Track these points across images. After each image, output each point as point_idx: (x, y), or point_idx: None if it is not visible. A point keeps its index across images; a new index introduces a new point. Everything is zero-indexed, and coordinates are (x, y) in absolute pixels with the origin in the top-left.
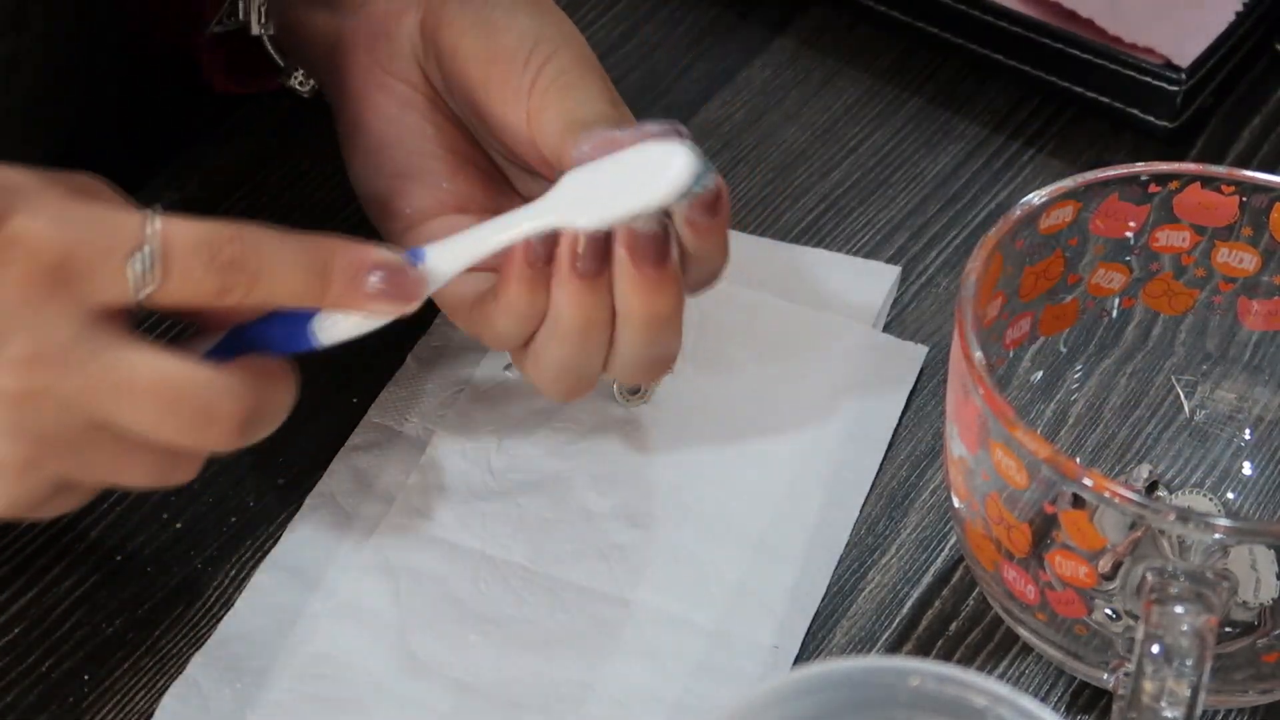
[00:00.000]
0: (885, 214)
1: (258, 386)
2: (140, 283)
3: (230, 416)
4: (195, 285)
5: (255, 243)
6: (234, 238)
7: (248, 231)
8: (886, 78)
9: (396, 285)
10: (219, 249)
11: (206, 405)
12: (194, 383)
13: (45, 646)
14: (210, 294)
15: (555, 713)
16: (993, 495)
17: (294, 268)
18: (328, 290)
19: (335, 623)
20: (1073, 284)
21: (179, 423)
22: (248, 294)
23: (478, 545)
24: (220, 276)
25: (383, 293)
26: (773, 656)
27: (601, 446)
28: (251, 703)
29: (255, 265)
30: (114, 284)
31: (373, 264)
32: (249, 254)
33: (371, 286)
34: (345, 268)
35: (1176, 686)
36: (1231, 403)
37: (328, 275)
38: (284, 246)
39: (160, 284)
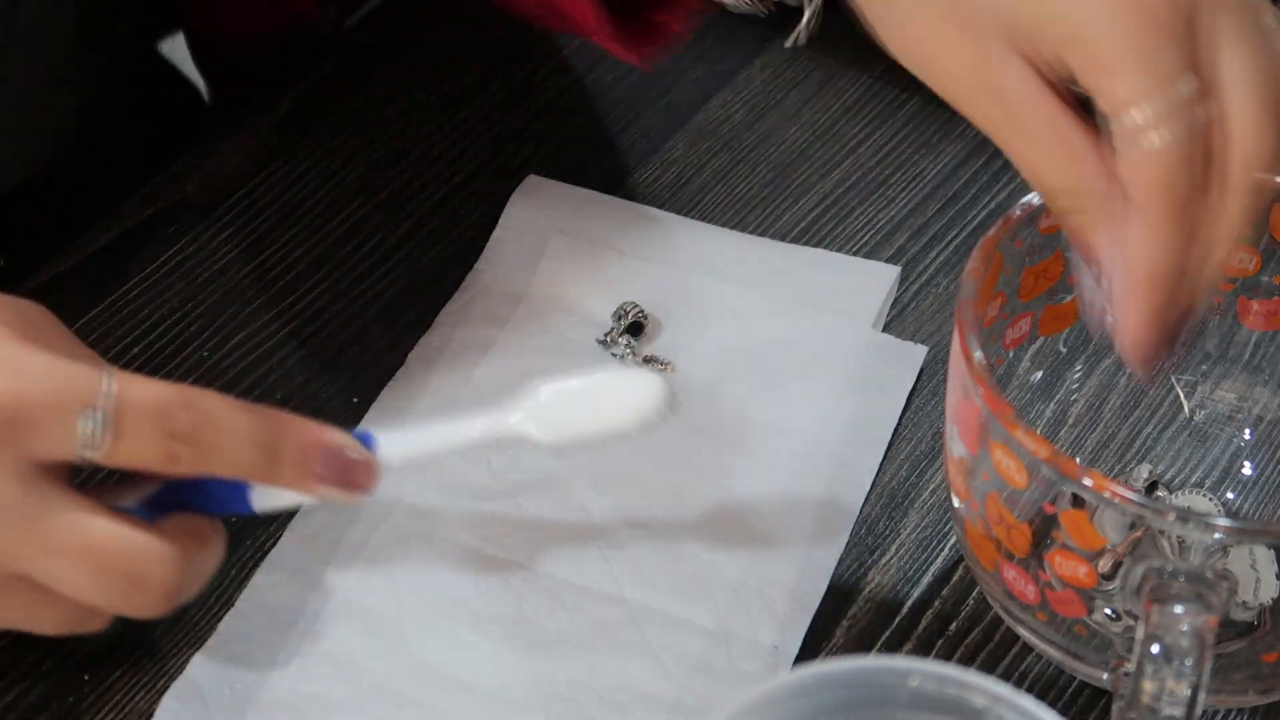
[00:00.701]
0: (885, 214)
1: (189, 554)
2: (88, 442)
3: (160, 585)
4: (143, 452)
5: (207, 411)
6: (187, 403)
7: (202, 401)
8: (886, 78)
9: (347, 474)
10: (172, 418)
11: (137, 573)
12: (127, 550)
13: (45, 646)
14: (157, 462)
15: (554, 712)
16: (993, 495)
17: (245, 445)
18: (277, 471)
19: (335, 622)
20: (1073, 284)
21: (107, 587)
22: (195, 466)
23: (478, 545)
24: (168, 445)
25: (333, 479)
26: (773, 656)
27: (601, 447)
28: (251, 702)
29: (206, 438)
30: (60, 440)
31: (323, 446)
32: (201, 427)
33: (322, 472)
34: (295, 449)
35: (1176, 686)
36: (1231, 403)
37: (278, 455)
38: (236, 420)
39: (107, 449)
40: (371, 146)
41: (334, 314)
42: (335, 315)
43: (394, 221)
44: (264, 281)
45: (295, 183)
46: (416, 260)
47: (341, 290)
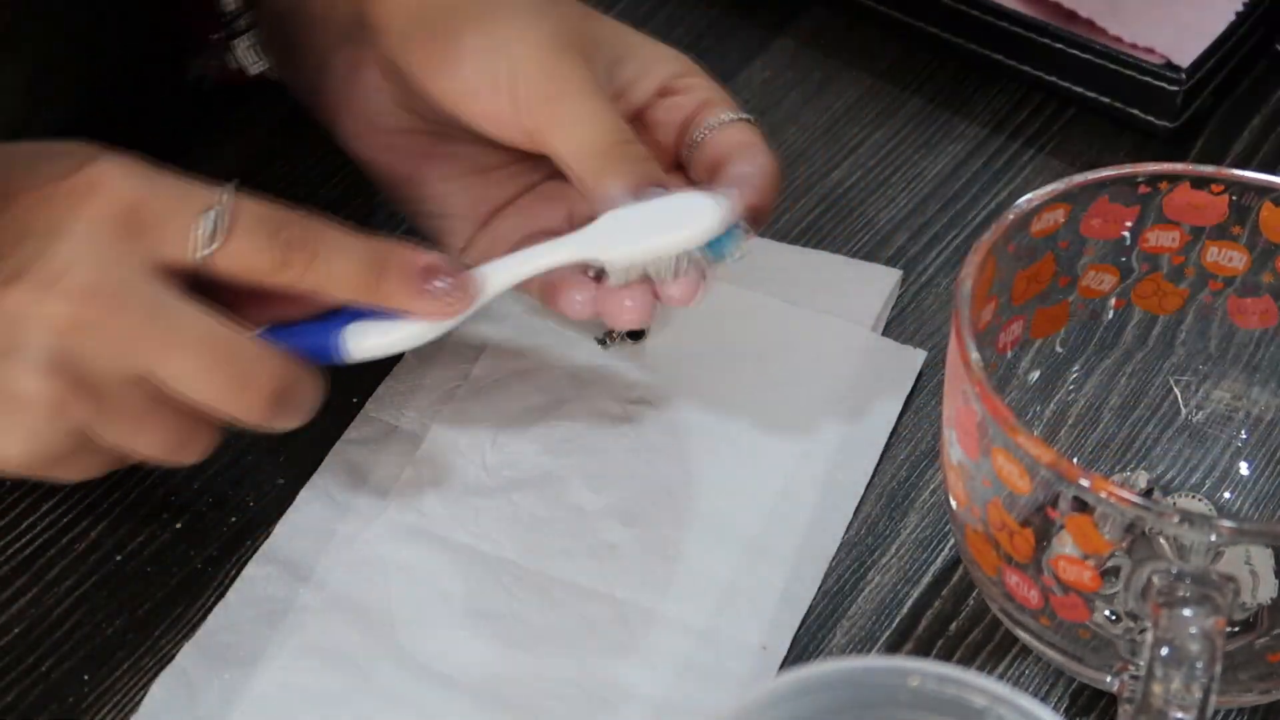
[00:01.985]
0: (885, 214)
1: (293, 370)
2: (206, 241)
3: (265, 386)
4: (256, 254)
5: (319, 227)
6: (300, 219)
7: (313, 217)
8: (886, 78)
9: (448, 288)
10: (284, 225)
11: (245, 369)
12: (238, 346)
13: (45, 646)
14: (268, 266)
15: (543, 709)
16: (994, 501)
17: (351, 256)
18: (381, 284)
19: (325, 615)
20: (1064, 286)
21: (216, 381)
22: (304, 273)
23: (470, 541)
24: (281, 250)
25: (434, 293)
26: (761, 657)
27: (596, 444)
28: (239, 693)
29: (315, 246)
30: (180, 240)
31: (427, 265)
32: (311, 235)
33: (424, 286)
34: (401, 265)
35: (1187, 689)
36: (1229, 403)
37: (383, 269)
38: (345, 236)
39: (224, 245)
40: None
41: None
42: None
43: (394, 221)
44: None
45: (295, 183)
46: None
47: None
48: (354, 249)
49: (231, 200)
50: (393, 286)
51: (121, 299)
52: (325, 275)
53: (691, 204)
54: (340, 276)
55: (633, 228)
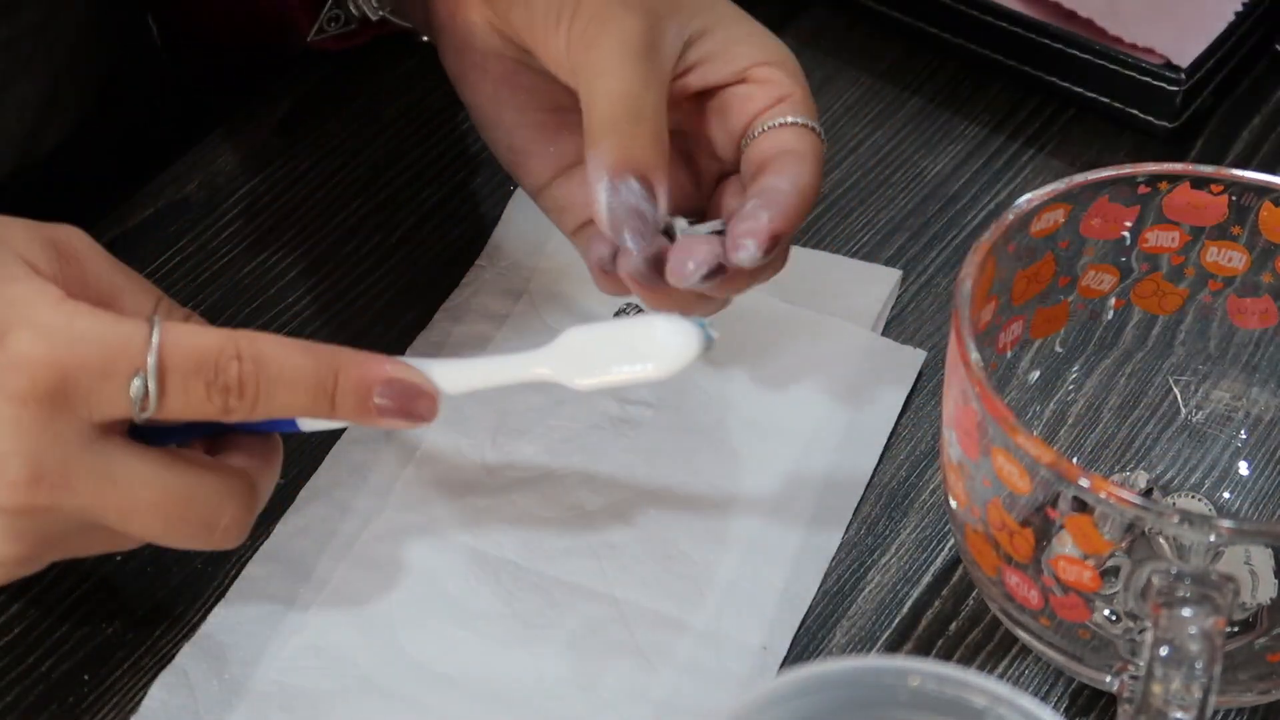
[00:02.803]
0: (885, 214)
1: (255, 481)
2: (140, 403)
3: (231, 523)
4: (195, 407)
5: (258, 362)
6: (236, 357)
7: (251, 348)
8: (886, 78)
9: (407, 404)
10: (221, 370)
11: (211, 517)
12: (198, 495)
13: (45, 646)
14: (211, 414)
15: (541, 710)
16: (994, 501)
17: (297, 388)
18: (335, 410)
19: (325, 615)
20: (1064, 286)
21: (184, 534)
22: (250, 415)
23: (470, 541)
24: (221, 398)
25: (393, 411)
26: (761, 658)
27: (596, 445)
28: (239, 693)
29: (257, 387)
30: (114, 403)
31: (381, 381)
32: (249, 376)
33: (382, 405)
34: (354, 388)
35: (1187, 689)
36: (1228, 403)
37: (334, 395)
38: (287, 364)
39: (159, 404)
40: (371, 147)
41: (334, 314)
42: (335, 315)
43: (394, 221)
44: (264, 281)
45: (295, 183)
46: (416, 260)
47: (341, 290)
48: (298, 379)
49: (156, 355)
50: (346, 411)
51: (66, 480)
52: (274, 408)
53: (665, 332)
54: (288, 409)
55: (600, 353)
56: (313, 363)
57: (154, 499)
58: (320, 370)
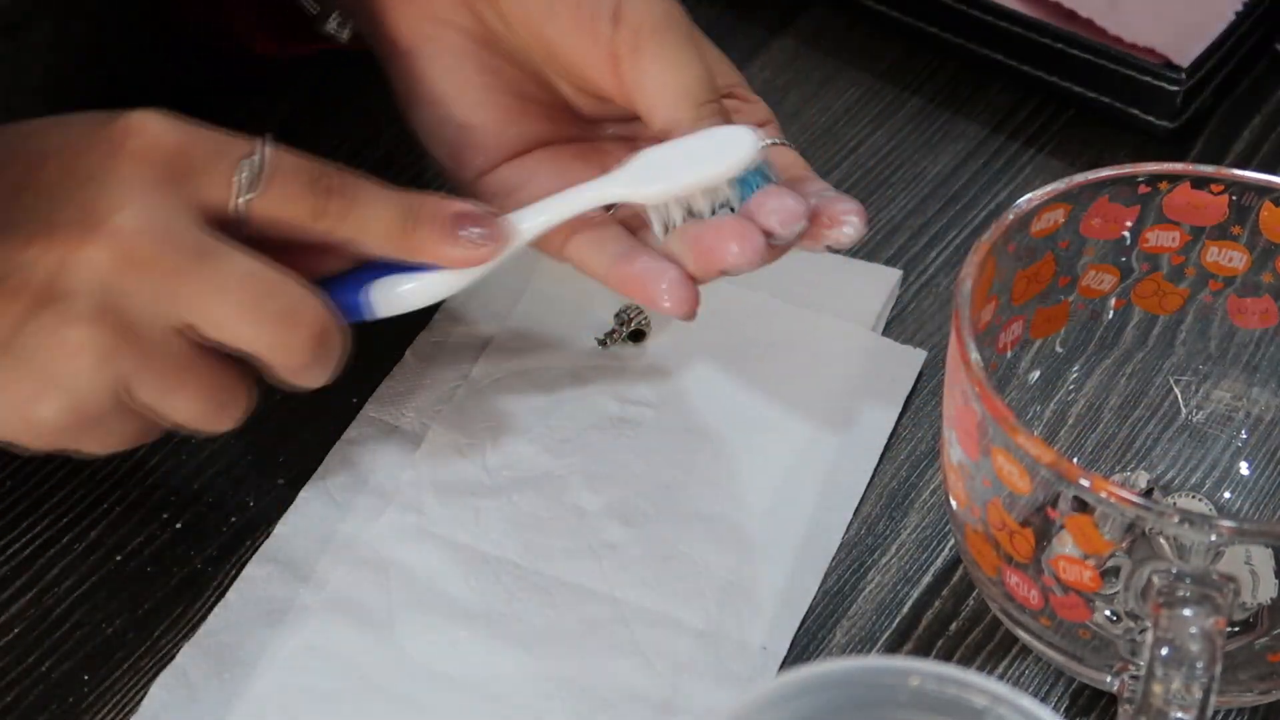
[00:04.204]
0: (885, 214)
1: (332, 313)
2: (246, 187)
3: (309, 325)
4: (293, 202)
5: (353, 178)
6: (335, 170)
7: (348, 171)
8: (886, 78)
9: (481, 233)
10: (320, 174)
11: (290, 308)
12: (282, 285)
13: (45, 646)
14: (305, 214)
15: (541, 710)
16: (994, 501)
17: (386, 204)
18: (415, 231)
19: (325, 615)
20: (1064, 286)
21: (262, 320)
22: (339, 222)
23: (470, 541)
24: (317, 198)
25: (467, 239)
26: (761, 658)
27: (596, 445)
28: (239, 693)
29: (351, 195)
30: (221, 186)
31: (459, 211)
32: (347, 185)
33: (457, 233)
34: (433, 212)
35: (1187, 689)
36: (1229, 403)
37: (417, 217)
38: (379, 187)
39: (263, 192)
40: (371, 146)
41: None
42: None
43: None
44: None
45: None
46: None
47: None
48: (388, 198)
49: (269, 149)
50: (426, 233)
51: (167, 240)
52: (360, 223)
53: (723, 136)
54: (375, 224)
55: (667, 164)
56: (401, 192)
57: (243, 277)
58: (407, 196)
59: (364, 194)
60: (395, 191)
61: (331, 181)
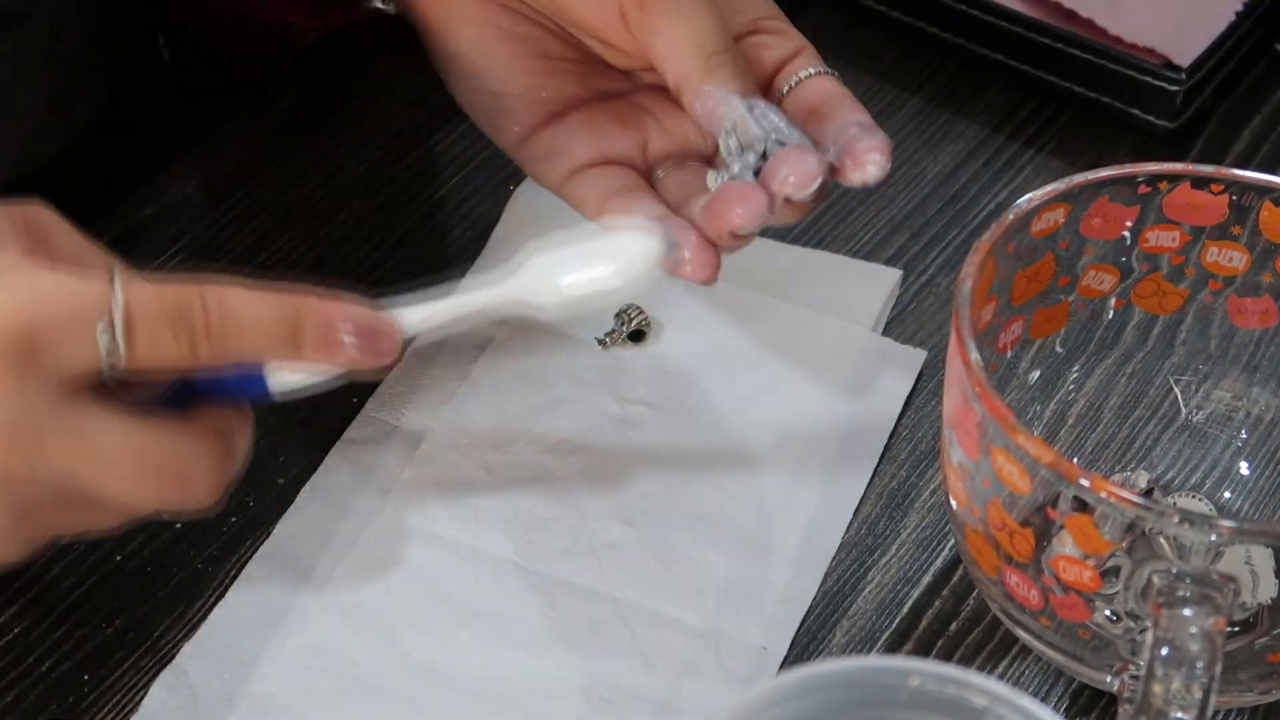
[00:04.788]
0: (885, 214)
1: (227, 443)
2: (108, 353)
3: (205, 479)
4: (163, 352)
5: (219, 303)
6: (198, 297)
7: (212, 292)
8: (886, 78)
9: (371, 342)
10: (184, 312)
11: (184, 472)
12: (170, 451)
13: (45, 646)
14: (180, 359)
15: (541, 710)
16: (994, 501)
17: (261, 328)
18: (301, 348)
19: (325, 615)
20: (1064, 286)
21: (157, 490)
22: (220, 350)
23: (470, 540)
24: (189, 341)
25: (357, 349)
26: (761, 658)
27: (597, 445)
28: (239, 693)
29: (223, 329)
30: (82, 355)
31: (344, 319)
32: (213, 316)
33: (347, 343)
34: (317, 325)
35: (1187, 689)
36: (1229, 403)
37: (300, 333)
38: (250, 306)
39: (129, 352)
40: (371, 146)
41: None
42: None
43: (394, 221)
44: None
45: (295, 182)
46: (416, 260)
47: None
48: (262, 319)
49: (121, 303)
50: (312, 350)
51: (38, 436)
52: (240, 347)
53: (625, 241)
54: (254, 350)
55: (563, 270)
56: (276, 302)
57: (128, 456)
58: (284, 309)
59: (235, 322)
60: (270, 306)
61: (195, 318)
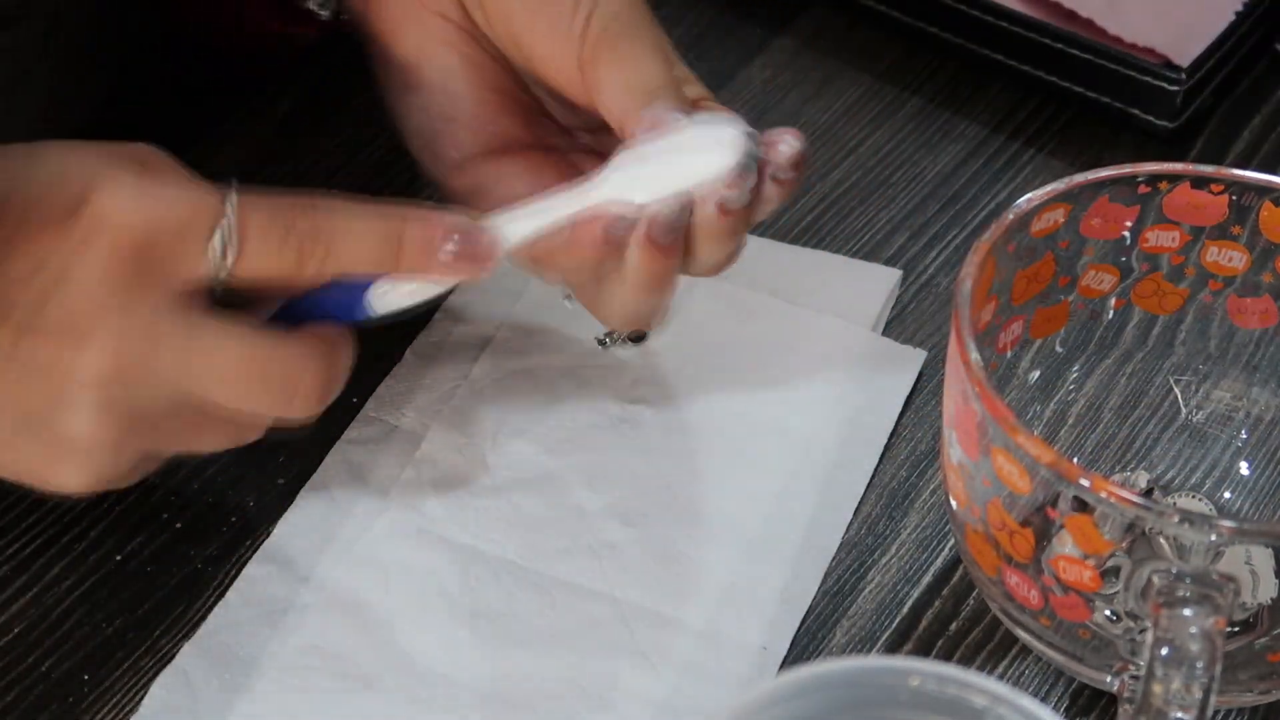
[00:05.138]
0: (885, 214)
1: (331, 357)
2: (219, 261)
3: (311, 388)
4: (272, 259)
5: (328, 214)
6: (307, 210)
7: (321, 202)
8: (886, 78)
9: (470, 250)
10: (293, 222)
11: (290, 379)
12: (278, 357)
13: (45, 646)
14: (287, 267)
15: (542, 710)
16: (994, 501)
17: (367, 236)
18: (402, 257)
19: (325, 615)
20: (1064, 286)
21: (264, 396)
22: (323, 264)
23: (470, 541)
24: (296, 249)
25: (456, 257)
26: (761, 658)
27: (597, 445)
28: (239, 693)
29: (329, 236)
30: (196, 262)
31: (445, 230)
32: (322, 225)
33: (445, 252)
34: (418, 235)
35: (1187, 689)
36: (1229, 403)
37: (401, 242)
38: (356, 216)
39: (239, 259)
40: (371, 146)
41: None
42: None
43: None
44: None
45: (295, 183)
46: None
47: None
48: (367, 230)
49: (235, 210)
50: (412, 259)
51: (153, 339)
52: (345, 261)
53: (707, 136)
54: (359, 260)
55: (651, 166)
56: (379, 213)
57: (236, 359)
58: (387, 218)
59: (341, 233)
60: (374, 217)
61: (304, 229)
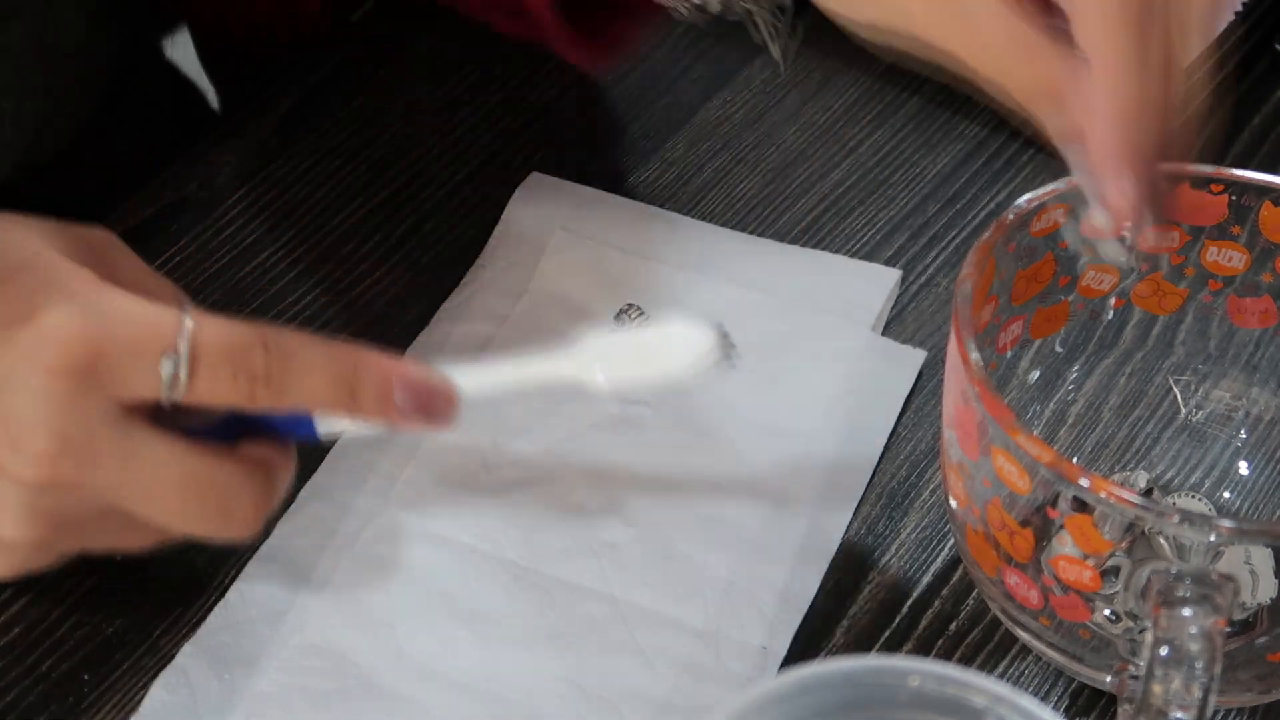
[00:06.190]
0: (885, 214)
1: (269, 481)
2: (168, 387)
3: (248, 513)
4: (223, 392)
5: (283, 353)
6: (265, 347)
7: (278, 340)
8: (886, 78)
9: (428, 405)
10: (248, 358)
11: (226, 502)
12: (217, 481)
13: (45, 646)
14: (238, 400)
15: (542, 710)
16: (994, 501)
17: (320, 379)
18: (356, 405)
19: (325, 615)
20: (1064, 286)
21: (199, 519)
22: (276, 398)
23: (470, 541)
24: (248, 385)
25: (413, 411)
26: (761, 657)
27: (596, 445)
28: (239, 693)
29: (282, 376)
30: (143, 382)
31: (400, 383)
32: (275, 365)
33: (402, 405)
34: (376, 384)
35: (1187, 689)
36: (1228, 403)
37: (358, 390)
38: (312, 358)
39: (189, 386)
40: (371, 146)
41: (334, 314)
42: (335, 315)
43: (394, 221)
44: (264, 281)
45: (295, 183)
46: (416, 260)
47: (341, 290)
48: (321, 370)
49: (188, 341)
50: (365, 407)
51: (91, 453)
52: (297, 396)
53: (686, 333)
54: (311, 401)
55: (624, 354)
56: (336, 356)
57: (175, 480)
58: (343, 364)
59: (295, 371)
60: (331, 358)
61: (257, 364)
